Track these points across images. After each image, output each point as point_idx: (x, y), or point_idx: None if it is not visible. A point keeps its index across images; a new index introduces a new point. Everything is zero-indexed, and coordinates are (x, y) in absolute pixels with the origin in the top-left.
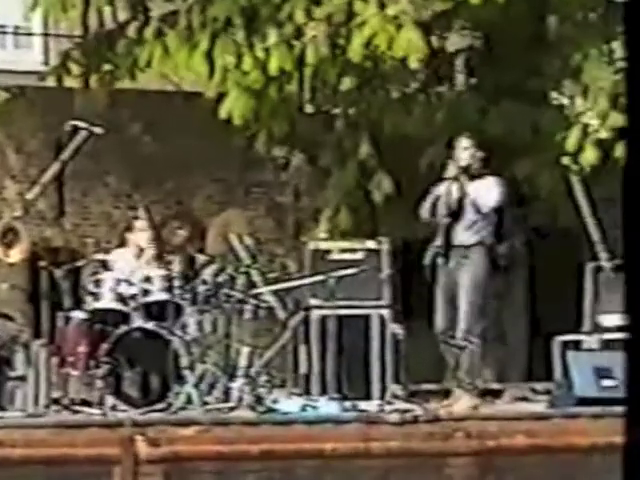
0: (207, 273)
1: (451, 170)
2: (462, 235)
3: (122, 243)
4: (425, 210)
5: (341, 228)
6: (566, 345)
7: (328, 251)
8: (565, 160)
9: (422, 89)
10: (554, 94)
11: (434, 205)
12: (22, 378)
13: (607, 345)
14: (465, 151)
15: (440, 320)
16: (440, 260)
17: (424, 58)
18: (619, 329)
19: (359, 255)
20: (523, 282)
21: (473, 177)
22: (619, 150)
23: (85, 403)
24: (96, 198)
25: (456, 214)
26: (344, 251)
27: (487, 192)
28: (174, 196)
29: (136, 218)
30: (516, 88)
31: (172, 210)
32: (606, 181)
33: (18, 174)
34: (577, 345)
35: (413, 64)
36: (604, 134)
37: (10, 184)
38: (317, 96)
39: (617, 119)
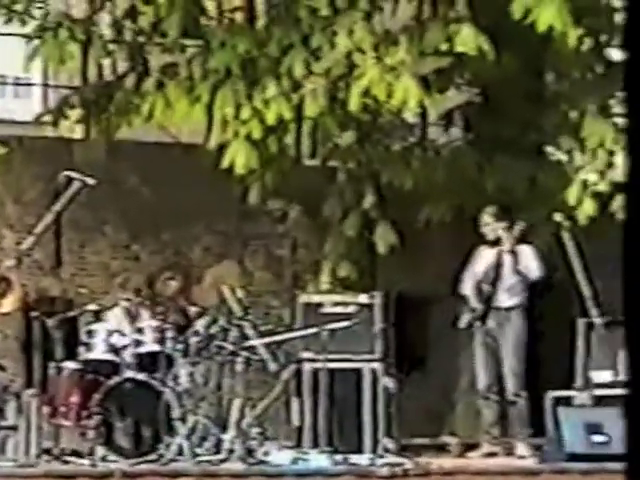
0: (199, 325)
1: (482, 247)
2: (501, 298)
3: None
4: (469, 288)
5: (342, 280)
6: (558, 401)
7: (320, 304)
8: (557, 217)
9: (419, 143)
10: (551, 149)
11: (479, 282)
12: (13, 428)
13: (598, 401)
14: (488, 226)
15: (483, 377)
16: (477, 322)
17: (422, 107)
18: (610, 385)
19: (351, 309)
20: None
21: (504, 246)
22: (616, 203)
23: (76, 453)
24: (94, 248)
25: (494, 279)
26: (336, 304)
27: (529, 263)
28: (172, 247)
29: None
30: (513, 143)
31: (169, 261)
32: (599, 237)
33: (15, 223)
34: (569, 401)
35: (411, 112)
36: (603, 187)
37: (8, 233)
38: (317, 149)
39: (616, 174)
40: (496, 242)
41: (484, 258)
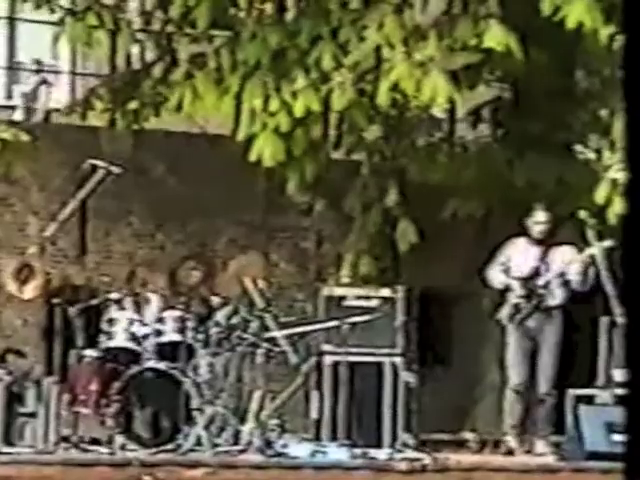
0: (220, 315)
1: (523, 240)
2: (545, 298)
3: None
4: (496, 276)
5: (362, 274)
6: (579, 399)
7: (343, 297)
8: (582, 214)
9: (446, 138)
10: (579, 147)
11: (506, 271)
12: (32, 414)
13: (620, 400)
14: (540, 225)
15: (516, 372)
16: (518, 318)
17: (450, 102)
18: None
19: (374, 302)
20: None
21: (549, 245)
22: None
23: (95, 442)
24: (119, 237)
25: (546, 283)
26: (359, 298)
27: (584, 277)
28: (197, 238)
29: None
30: (542, 140)
31: (193, 251)
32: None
33: (41, 211)
34: (590, 399)
35: (440, 108)
36: None
37: (33, 220)
38: (343, 142)
39: None
40: (540, 241)
41: (526, 254)
